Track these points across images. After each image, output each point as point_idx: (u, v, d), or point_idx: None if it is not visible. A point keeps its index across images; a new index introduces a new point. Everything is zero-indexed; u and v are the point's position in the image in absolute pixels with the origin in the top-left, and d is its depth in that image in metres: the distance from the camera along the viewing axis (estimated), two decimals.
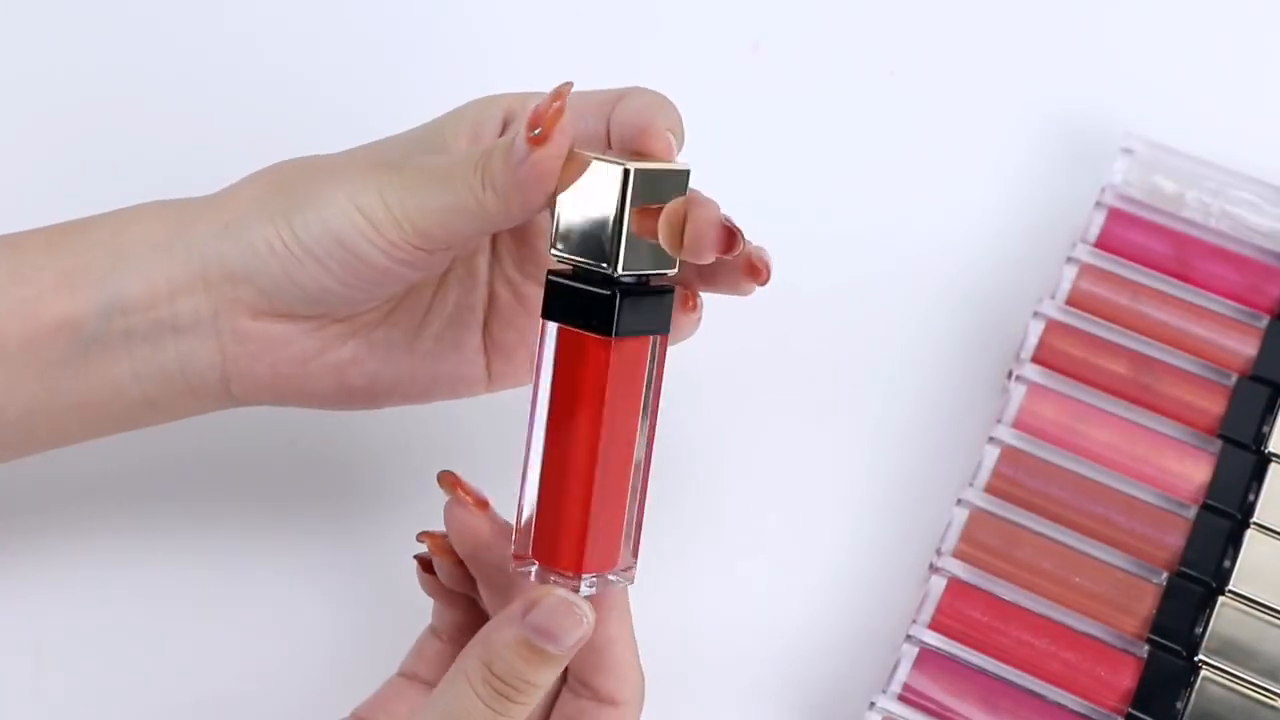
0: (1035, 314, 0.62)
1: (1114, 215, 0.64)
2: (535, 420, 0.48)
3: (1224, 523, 0.58)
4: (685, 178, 0.48)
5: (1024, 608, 0.57)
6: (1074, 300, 0.62)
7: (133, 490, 0.61)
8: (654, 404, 0.49)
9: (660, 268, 0.48)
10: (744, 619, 0.59)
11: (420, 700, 0.52)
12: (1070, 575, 0.57)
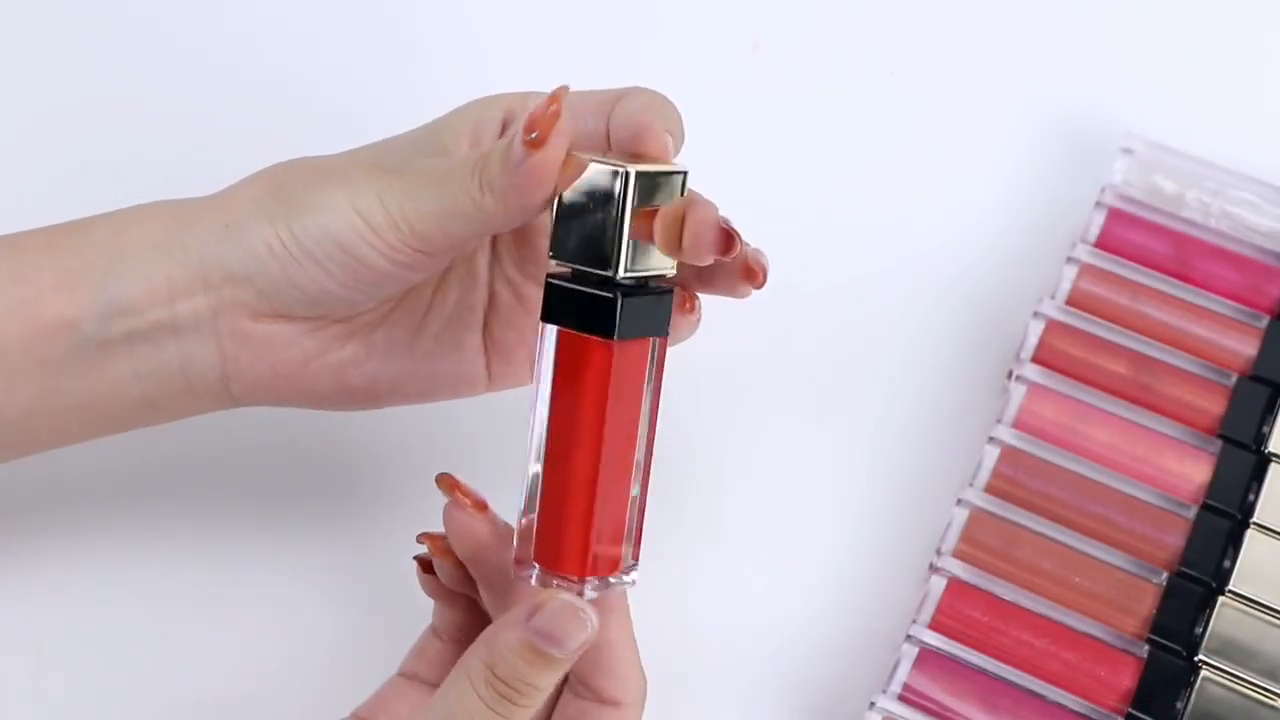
0: (1035, 314, 0.62)
1: (1114, 215, 0.64)
2: (536, 424, 0.48)
3: (1224, 523, 0.58)
4: (683, 179, 0.48)
5: (1024, 608, 0.57)
6: (1074, 300, 0.62)
7: (133, 490, 0.61)
8: (654, 405, 0.48)
9: (659, 270, 0.48)
10: (744, 619, 0.59)
11: (420, 700, 0.52)
12: (1070, 575, 0.57)
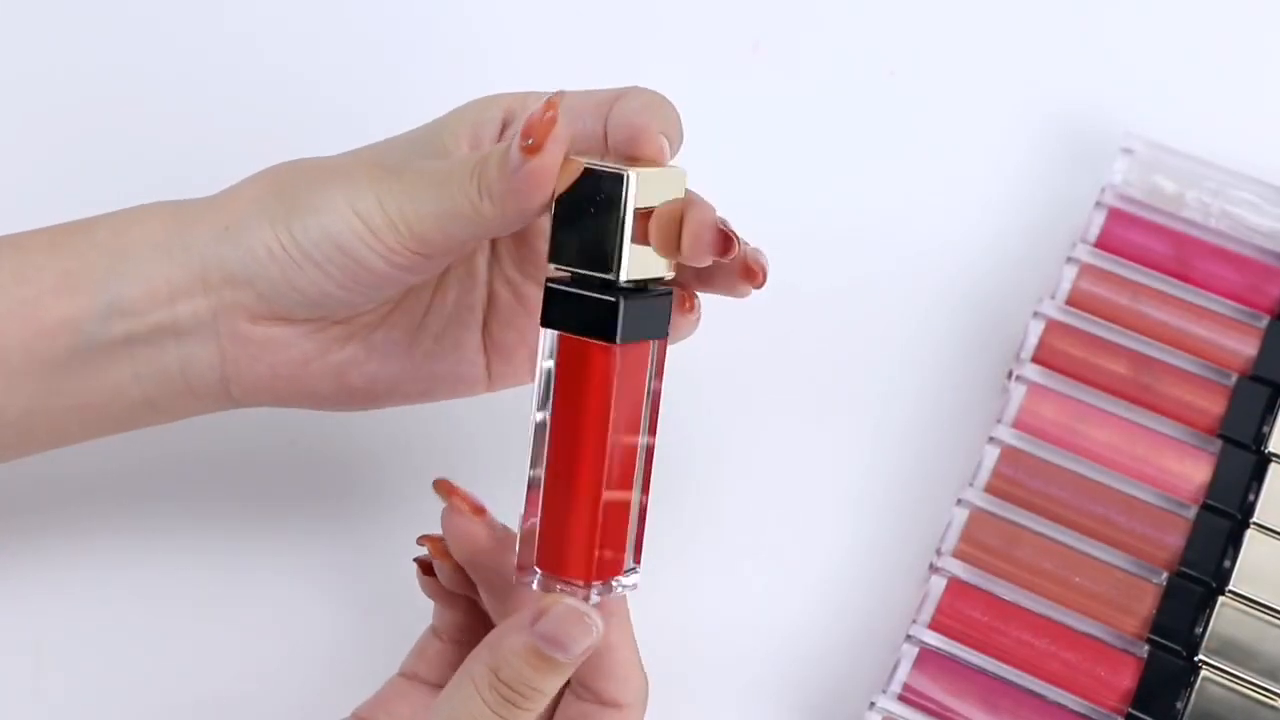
0: (1035, 314, 0.62)
1: (1114, 215, 0.64)
2: (537, 428, 0.47)
3: (1224, 523, 0.58)
4: (682, 181, 0.48)
5: (1024, 608, 0.57)
6: (1074, 300, 0.62)
7: (133, 490, 0.61)
8: (654, 406, 0.48)
9: (658, 272, 0.48)
10: (744, 619, 0.59)
11: (421, 700, 0.52)
12: (1070, 575, 0.57)
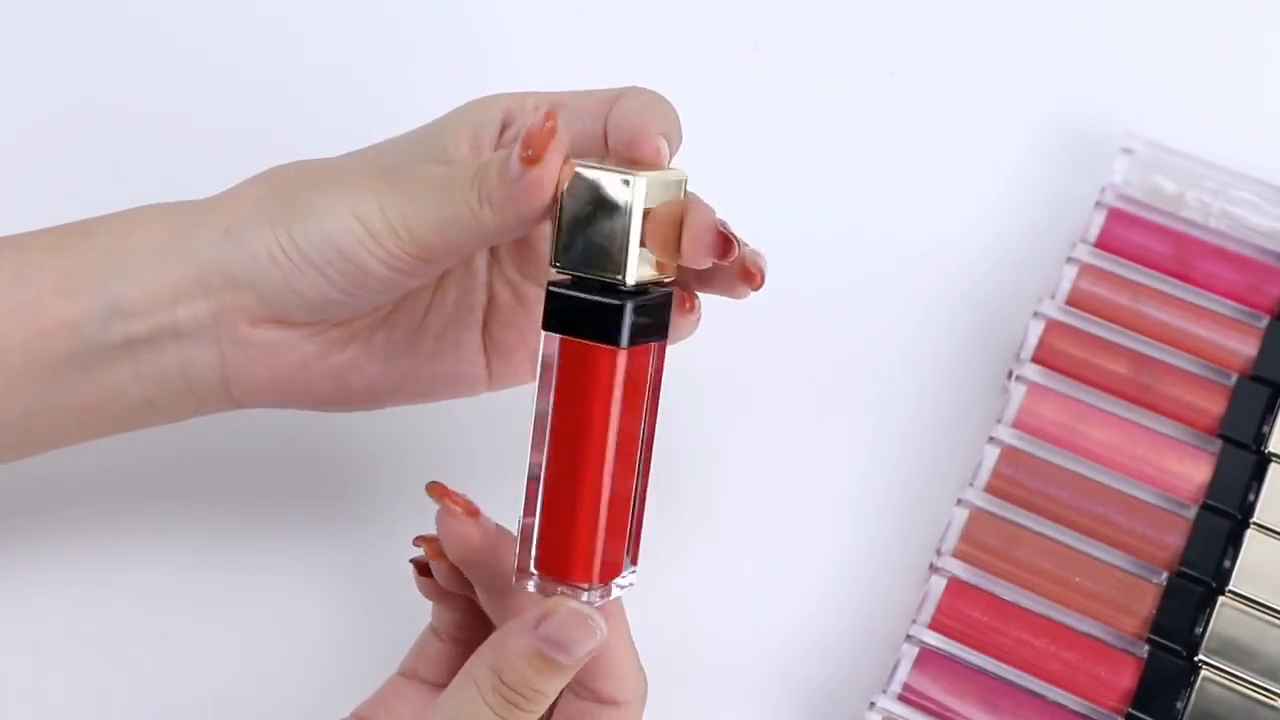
0: (1035, 314, 0.62)
1: (1114, 215, 0.64)
2: (538, 432, 0.47)
3: (1224, 523, 0.58)
4: (682, 184, 0.48)
5: (1024, 608, 0.57)
6: (1074, 300, 0.62)
7: (133, 490, 0.61)
8: (653, 407, 0.48)
9: (658, 274, 0.48)
10: (744, 619, 0.59)
11: (420, 699, 0.52)
12: (1070, 575, 0.57)
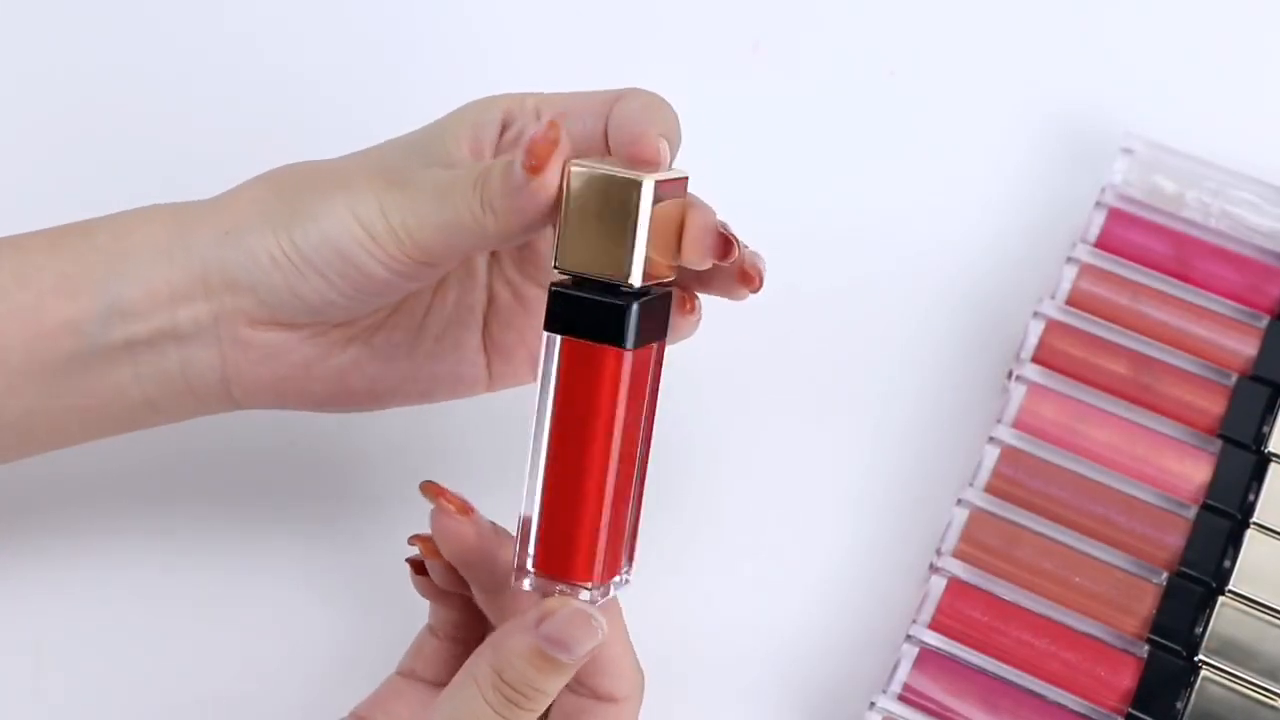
0: (1035, 314, 0.62)
1: (1114, 215, 0.64)
2: (539, 433, 0.47)
3: (1224, 523, 0.58)
4: (683, 185, 0.48)
5: (1024, 608, 0.57)
6: (1074, 300, 0.62)
7: (133, 490, 0.61)
8: (652, 407, 0.48)
9: (659, 275, 0.47)
10: (744, 619, 0.59)
11: (419, 699, 0.52)
12: (1070, 575, 0.57)
